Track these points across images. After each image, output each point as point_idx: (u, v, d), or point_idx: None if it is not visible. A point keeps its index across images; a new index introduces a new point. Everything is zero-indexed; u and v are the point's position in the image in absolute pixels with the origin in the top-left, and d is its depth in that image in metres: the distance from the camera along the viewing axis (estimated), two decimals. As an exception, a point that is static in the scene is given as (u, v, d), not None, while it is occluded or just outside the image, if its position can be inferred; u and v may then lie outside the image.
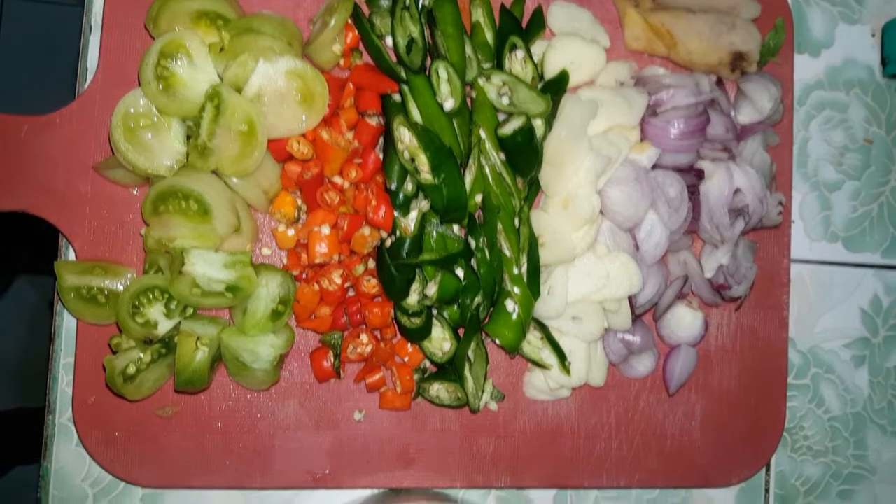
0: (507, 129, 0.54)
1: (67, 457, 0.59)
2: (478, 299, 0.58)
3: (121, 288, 0.55)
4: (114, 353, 0.55)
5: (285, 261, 0.58)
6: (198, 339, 0.53)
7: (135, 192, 0.57)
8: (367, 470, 0.61)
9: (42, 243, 0.61)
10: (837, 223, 0.70)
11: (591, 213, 0.55)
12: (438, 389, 0.60)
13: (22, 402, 1.44)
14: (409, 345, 0.59)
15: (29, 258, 1.46)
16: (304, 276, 0.56)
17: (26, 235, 1.42)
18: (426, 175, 0.53)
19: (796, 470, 0.70)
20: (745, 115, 0.60)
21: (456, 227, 0.58)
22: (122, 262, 0.57)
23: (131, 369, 0.54)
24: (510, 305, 0.58)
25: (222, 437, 0.59)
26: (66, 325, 0.59)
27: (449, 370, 0.60)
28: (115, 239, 0.57)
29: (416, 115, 0.53)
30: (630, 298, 0.60)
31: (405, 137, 0.51)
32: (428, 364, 0.61)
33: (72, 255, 0.58)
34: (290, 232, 0.56)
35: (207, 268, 0.53)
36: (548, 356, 0.60)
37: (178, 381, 0.54)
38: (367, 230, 0.54)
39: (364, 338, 0.58)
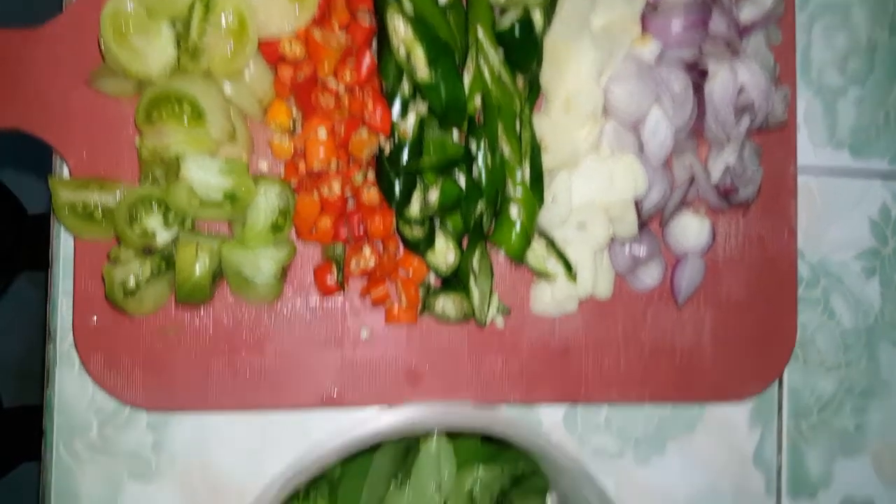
0: (506, 22, 0.53)
1: (70, 384, 0.59)
2: (480, 207, 0.57)
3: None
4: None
5: (283, 174, 0.57)
6: (198, 246, 0.52)
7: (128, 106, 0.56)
8: (376, 388, 0.60)
9: (40, 241, 0.61)
10: (843, 129, 0.69)
11: (593, 108, 0.54)
12: (444, 303, 0.60)
13: (25, 401, 1.45)
14: (413, 258, 0.59)
15: (28, 256, 1.46)
16: (302, 187, 0.56)
17: (24, 233, 1.42)
18: (423, 72, 0.52)
19: (809, 385, 0.69)
20: (747, 12, 0.58)
21: (455, 135, 0.57)
22: (117, 177, 0.56)
23: (131, 282, 0.53)
24: (514, 212, 0.57)
25: (227, 359, 0.59)
26: (64, 248, 0.58)
27: (454, 283, 0.59)
28: (110, 154, 0.56)
29: (409, 9, 0.52)
30: (636, 204, 0.59)
31: (400, 29, 0.50)
32: (432, 282, 0.61)
33: (66, 175, 0.58)
34: (287, 142, 0.55)
35: (204, 174, 0.52)
36: (553, 266, 0.59)
37: (179, 293, 0.53)
38: (364, 132, 0.53)
39: (367, 251, 0.57)
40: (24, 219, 1.43)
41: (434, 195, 0.55)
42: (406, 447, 0.53)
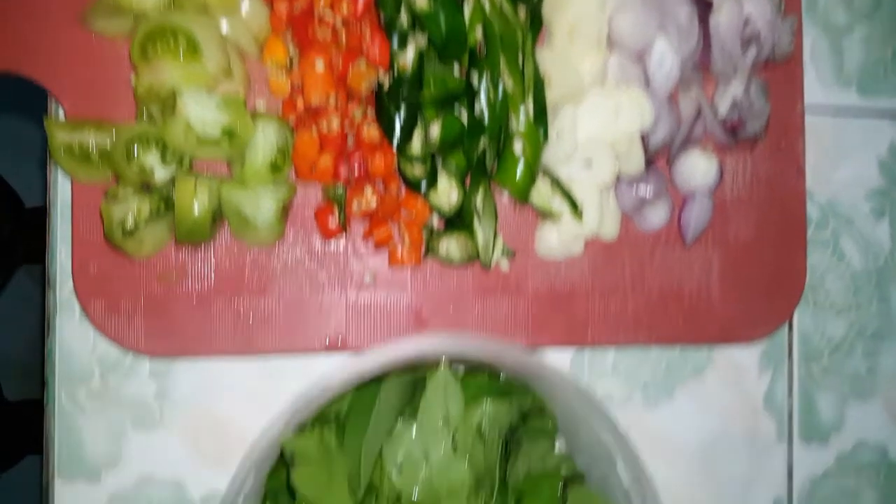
0: (505, -52, 0.52)
1: (71, 333, 0.58)
2: (483, 144, 0.56)
3: (114, 144, 0.53)
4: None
5: (280, 113, 0.56)
6: (196, 183, 0.51)
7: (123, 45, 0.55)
8: (380, 332, 0.59)
9: (39, 234, 0.60)
10: (850, 68, 0.68)
11: (598, 36, 0.53)
12: (448, 245, 0.59)
13: (28, 395, 1.45)
14: (415, 199, 0.58)
15: (26, 250, 1.46)
16: (301, 124, 0.55)
17: (23, 226, 1.41)
18: (422, 2, 0.51)
19: (819, 328, 0.68)
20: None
21: (456, 69, 0.56)
22: (114, 119, 0.55)
23: (130, 222, 0.52)
24: (518, 149, 0.56)
25: (229, 304, 0.58)
26: (62, 194, 0.58)
27: (458, 223, 0.58)
28: (106, 96, 0.55)
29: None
30: (642, 139, 0.58)
31: (397, -44, 0.49)
32: (436, 225, 0.60)
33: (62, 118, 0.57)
34: (284, 79, 0.54)
35: (201, 109, 0.51)
36: (558, 205, 0.58)
37: (179, 231, 0.52)
38: (363, 65, 0.52)
39: (368, 191, 0.56)
40: (22, 212, 1.43)
41: (435, 130, 0.54)
42: (413, 384, 0.52)
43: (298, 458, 0.46)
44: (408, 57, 0.53)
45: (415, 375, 0.52)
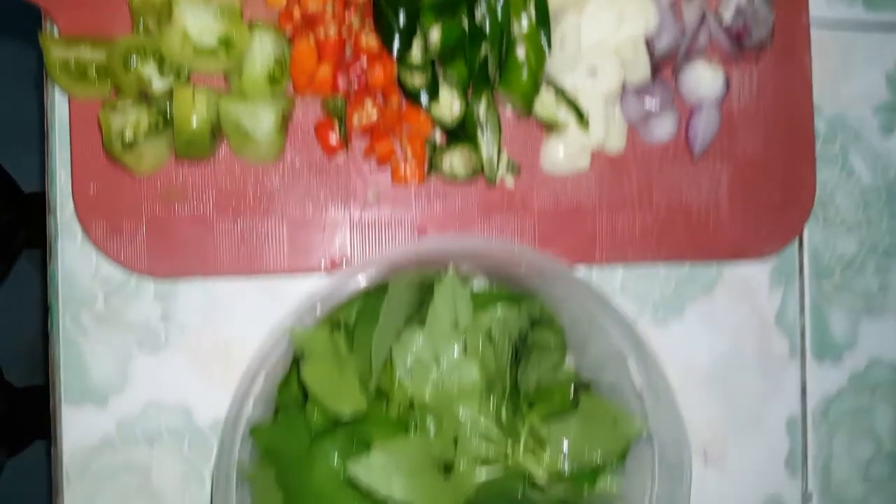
0: None
1: (73, 257, 0.57)
2: (484, 51, 0.55)
3: (110, 59, 0.53)
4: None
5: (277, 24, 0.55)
6: (194, 93, 0.50)
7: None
8: (384, 250, 0.59)
9: (38, 219, 0.60)
10: (856, -22, 0.67)
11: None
12: (452, 159, 0.58)
13: (35, 381, 1.45)
14: (416, 113, 0.57)
15: (27, 236, 1.46)
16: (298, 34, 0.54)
17: (22, 213, 1.41)
18: None
19: (830, 244, 0.67)
20: None
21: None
22: (109, 33, 0.54)
23: (129, 134, 0.51)
24: (521, 55, 0.55)
25: (231, 223, 0.57)
26: (59, 115, 0.57)
27: (461, 136, 0.57)
28: (100, 10, 0.54)
29: None
30: (647, 46, 0.58)
31: None
32: (438, 141, 0.59)
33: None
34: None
35: (197, 18, 0.50)
36: (564, 115, 0.58)
37: (178, 144, 0.52)
38: (361, -34, 0.52)
39: (369, 104, 0.55)
40: (21, 197, 1.42)
41: (435, 36, 0.53)
42: (420, 293, 0.52)
43: (308, 353, 0.45)
44: (405, -40, 0.52)
45: (422, 282, 0.51)
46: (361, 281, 0.47)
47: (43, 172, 0.59)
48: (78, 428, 0.56)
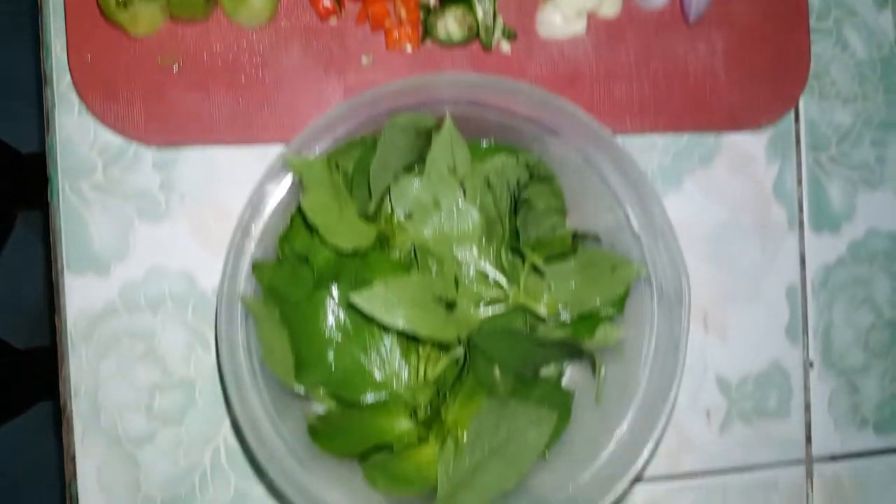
0: None
1: (71, 127, 0.57)
2: None
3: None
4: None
5: None
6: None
7: None
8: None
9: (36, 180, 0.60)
10: None
11: None
12: (447, 22, 0.58)
13: (36, 342, 1.45)
14: (411, -25, 0.57)
15: (27, 199, 1.46)
16: None
17: (21, 175, 1.41)
18: None
19: (826, 117, 0.67)
20: None
21: None
22: None
23: (122, -11, 0.51)
24: None
25: (228, 90, 0.57)
26: (53, -17, 0.57)
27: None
28: None
29: None
30: None
31: None
32: (432, 3, 0.59)
33: None
34: None
35: None
36: (557, -25, 0.58)
37: (171, 1, 0.52)
38: None
39: (363, -36, 0.56)
40: (19, 159, 1.42)
41: None
42: (417, 146, 0.52)
43: (307, 181, 0.45)
44: None
45: (418, 129, 0.51)
46: (358, 113, 0.47)
47: (41, 130, 0.59)
48: (81, 296, 0.57)
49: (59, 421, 0.57)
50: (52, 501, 1.48)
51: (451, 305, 0.50)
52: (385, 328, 0.52)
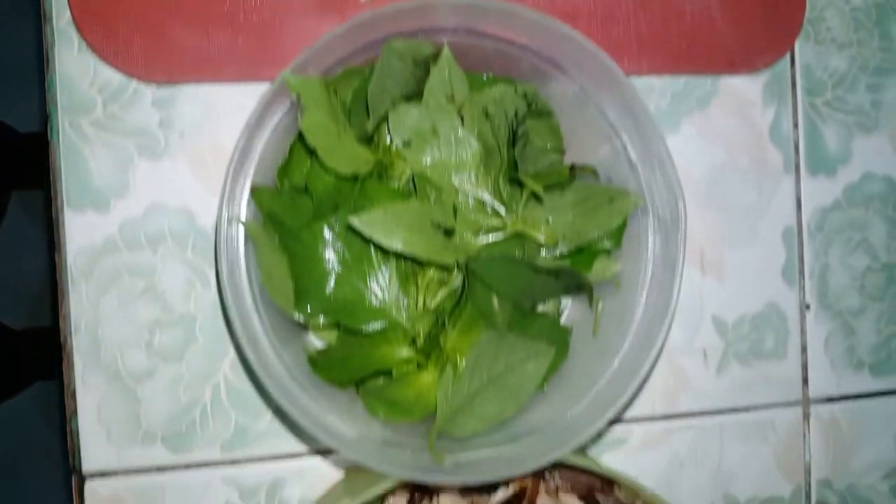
0: None
1: (71, 64, 0.57)
2: None
3: None
4: None
5: None
6: None
7: None
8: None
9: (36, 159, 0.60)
10: None
11: None
12: (444, -41, 0.58)
13: (33, 323, 1.45)
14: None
15: (24, 178, 1.46)
16: None
17: (18, 155, 1.41)
18: None
19: (822, 62, 0.68)
20: None
21: None
22: None
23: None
24: None
25: (227, 28, 0.57)
26: (52, -80, 0.57)
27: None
28: None
29: None
30: None
31: None
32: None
33: None
34: None
35: None
36: (554, -88, 0.58)
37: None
38: None
39: None
40: (17, 138, 1.42)
41: None
42: (415, 76, 0.52)
43: (305, 101, 0.45)
44: None
45: (415, 58, 0.51)
46: (356, 35, 0.47)
47: (42, 110, 0.59)
48: (81, 232, 0.57)
49: (60, 401, 0.57)
50: (50, 482, 1.48)
51: (449, 232, 0.50)
52: (384, 258, 0.52)
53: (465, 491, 0.55)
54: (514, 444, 0.50)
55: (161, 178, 0.58)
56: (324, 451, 0.60)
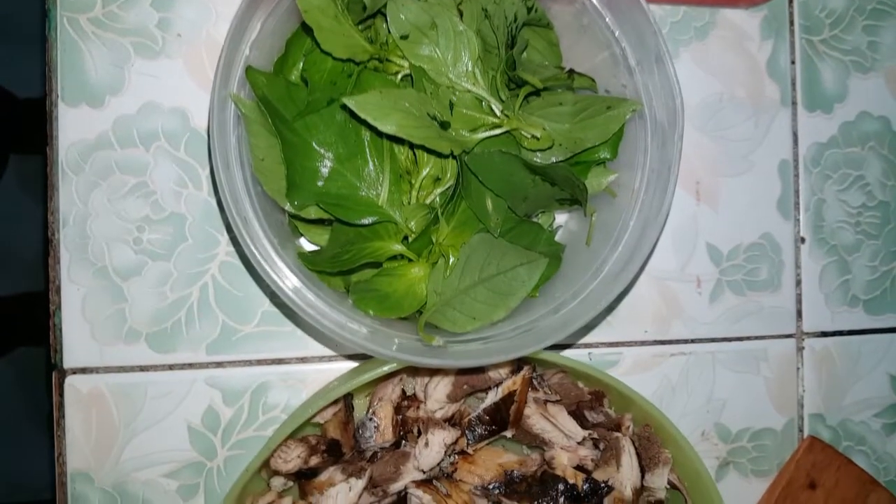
0: None
1: (71, -38, 0.57)
2: None
3: None
4: None
5: None
6: None
7: None
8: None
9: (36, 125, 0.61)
10: None
11: None
12: None
13: (22, 288, 1.45)
14: None
15: (24, 143, 1.46)
16: None
17: (17, 121, 1.41)
18: None
19: (819, 1, 0.68)
20: None
21: None
22: None
23: None
24: None
25: (229, -70, 0.58)
26: None
27: None
28: None
29: None
30: None
31: None
32: None
33: None
34: None
35: None
36: None
37: None
38: None
39: None
40: (17, 104, 1.42)
41: None
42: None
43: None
44: None
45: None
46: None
47: (43, 76, 0.59)
48: (74, 127, 0.56)
49: (48, 369, 0.57)
50: (34, 448, 1.46)
51: (444, 125, 0.50)
52: (379, 155, 0.52)
53: (455, 391, 0.54)
54: (502, 340, 0.50)
55: (157, 78, 0.58)
56: (310, 359, 0.59)
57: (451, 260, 0.51)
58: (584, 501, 0.53)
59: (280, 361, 0.58)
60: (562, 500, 0.53)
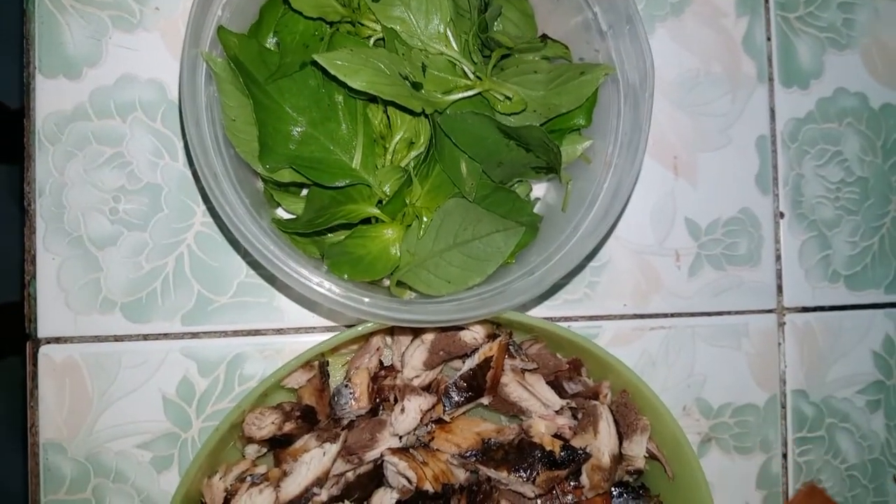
0: None
1: (51, -62, 0.58)
2: None
3: None
4: None
5: None
6: None
7: None
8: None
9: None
10: None
11: None
12: None
13: (7, 298, 1.44)
14: None
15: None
16: None
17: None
18: None
19: (795, -20, 0.69)
20: None
21: None
22: None
23: None
24: None
25: None
26: None
27: None
28: None
29: None
30: None
31: None
32: None
33: None
34: None
35: None
36: None
37: None
38: None
39: None
40: (7, 115, 1.42)
41: None
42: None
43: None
44: None
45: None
46: None
47: (21, 85, 0.60)
48: (51, 98, 0.57)
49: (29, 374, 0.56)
50: (14, 454, 1.44)
51: (417, 86, 0.50)
52: (352, 119, 0.52)
53: (431, 358, 0.54)
54: (474, 300, 0.50)
55: (134, 51, 0.58)
56: (287, 330, 0.58)
57: (424, 220, 0.51)
58: (562, 468, 0.53)
59: (256, 332, 0.57)
60: (539, 466, 0.52)
